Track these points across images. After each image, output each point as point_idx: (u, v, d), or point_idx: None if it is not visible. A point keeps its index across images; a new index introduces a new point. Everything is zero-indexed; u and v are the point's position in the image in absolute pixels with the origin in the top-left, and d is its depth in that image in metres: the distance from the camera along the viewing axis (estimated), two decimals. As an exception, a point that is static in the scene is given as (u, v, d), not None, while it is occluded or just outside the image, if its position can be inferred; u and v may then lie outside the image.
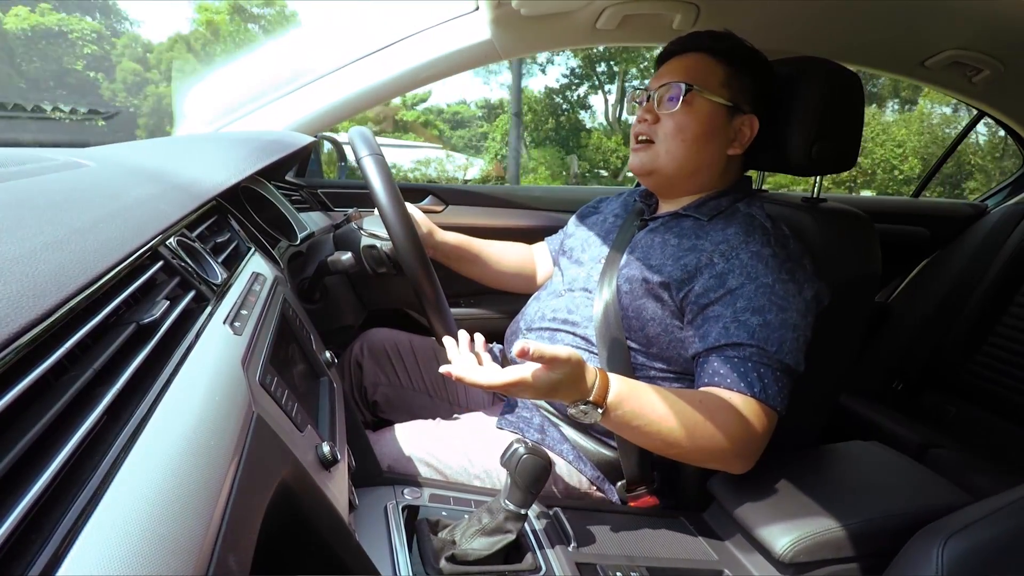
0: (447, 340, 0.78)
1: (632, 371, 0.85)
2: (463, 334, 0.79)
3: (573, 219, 1.09)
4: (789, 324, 0.75)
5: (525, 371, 0.64)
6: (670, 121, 0.86)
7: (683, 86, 0.84)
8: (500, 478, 0.84)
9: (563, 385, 0.65)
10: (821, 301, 0.81)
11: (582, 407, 0.67)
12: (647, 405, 0.70)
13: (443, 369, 0.68)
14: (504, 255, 1.12)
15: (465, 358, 0.74)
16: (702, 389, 0.76)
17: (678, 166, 0.87)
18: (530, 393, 0.66)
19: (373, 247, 0.89)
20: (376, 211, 0.81)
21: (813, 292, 0.80)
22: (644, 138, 0.89)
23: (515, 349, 0.60)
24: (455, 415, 0.97)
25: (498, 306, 1.40)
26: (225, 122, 1.25)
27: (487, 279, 1.12)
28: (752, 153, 0.92)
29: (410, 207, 0.90)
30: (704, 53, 0.87)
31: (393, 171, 0.95)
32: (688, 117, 0.85)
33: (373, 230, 0.91)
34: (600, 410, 0.68)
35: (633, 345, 0.85)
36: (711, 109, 0.85)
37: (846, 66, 0.91)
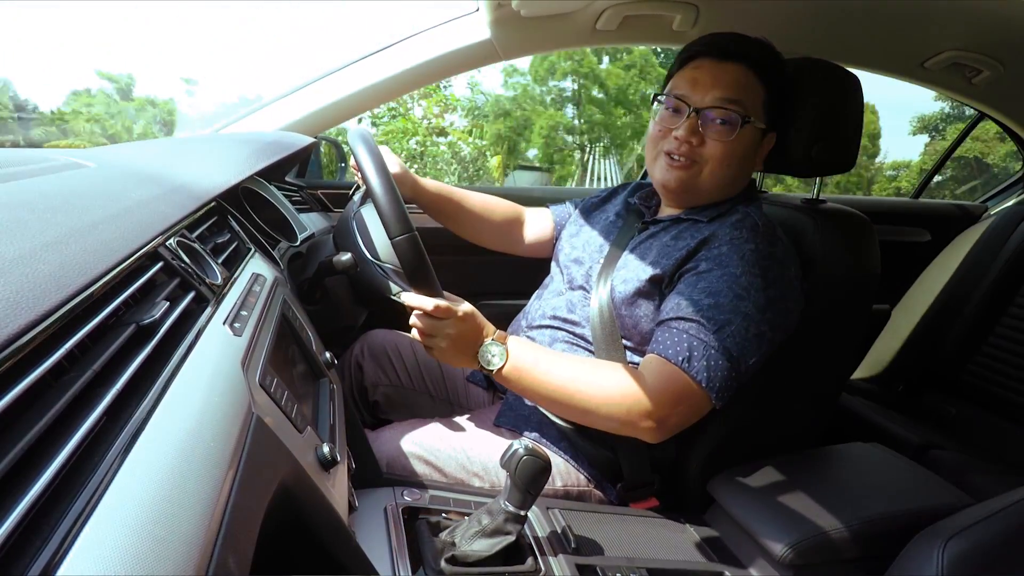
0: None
1: None
2: None
3: (578, 212, 1.08)
4: (741, 311, 0.74)
5: (434, 302, 0.73)
6: (719, 147, 0.82)
7: (739, 117, 0.81)
8: (498, 475, 0.84)
9: (465, 324, 0.74)
10: (789, 309, 0.79)
11: (489, 345, 0.75)
12: (544, 352, 0.77)
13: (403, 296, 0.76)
14: (488, 209, 1.08)
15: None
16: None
17: (716, 188, 0.86)
18: (436, 328, 0.74)
19: (398, 294, 0.89)
20: (371, 200, 0.79)
21: (780, 294, 0.78)
22: (685, 160, 0.84)
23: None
24: (454, 414, 0.97)
25: (499, 305, 1.40)
26: (225, 123, 1.25)
27: (469, 233, 1.08)
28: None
29: (385, 153, 0.88)
30: (748, 68, 0.83)
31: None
32: (738, 145, 0.83)
33: (388, 264, 0.90)
34: (503, 347, 0.75)
35: (629, 344, 0.85)
36: (755, 135, 0.84)
37: (845, 67, 0.91)
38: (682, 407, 0.73)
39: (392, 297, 0.88)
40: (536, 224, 1.13)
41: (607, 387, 0.73)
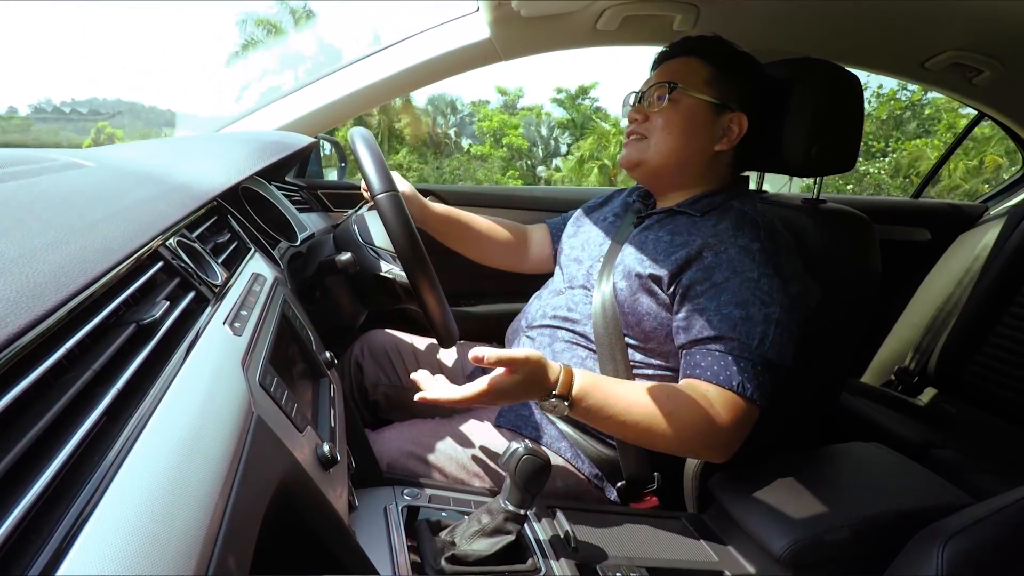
0: (419, 374, 0.79)
1: (630, 368, 0.85)
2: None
3: (575, 216, 1.09)
4: (772, 319, 0.76)
5: (483, 382, 0.68)
6: (658, 118, 0.89)
7: (668, 85, 0.88)
8: (499, 475, 0.84)
9: (526, 385, 0.69)
10: (810, 298, 0.82)
11: (552, 401, 0.71)
12: (612, 395, 0.73)
13: (417, 397, 0.73)
14: (494, 230, 1.12)
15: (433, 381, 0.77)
16: (682, 381, 0.78)
17: (664, 159, 0.90)
18: (497, 399, 0.69)
19: (386, 280, 0.89)
20: (373, 207, 0.80)
21: (800, 288, 0.80)
22: (635, 136, 0.92)
23: (471, 355, 0.65)
24: (454, 414, 0.97)
25: (498, 305, 1.40)
26: (225, 122, 1.25)
27: (475, 254, 1.12)
28: (752, 154, 0.92)
29: (397, 179, 0.89)
30: (691, 56, 0.90)
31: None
32: (674, 113, 0.88)
33: (381, 247, 0.91)
34: (567, 402, 0.71)
35: (631, 342, 0.85)
36: (695, 105, 0.88)
37: (846, 67, 0.91)
38: (743, 427, 0.75)
39: (384, 275, 0.89)
40: (538, 241, 1.15)
41: (679, 425, 0.73)
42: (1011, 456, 1.26)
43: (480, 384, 0.69)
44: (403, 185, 0.96)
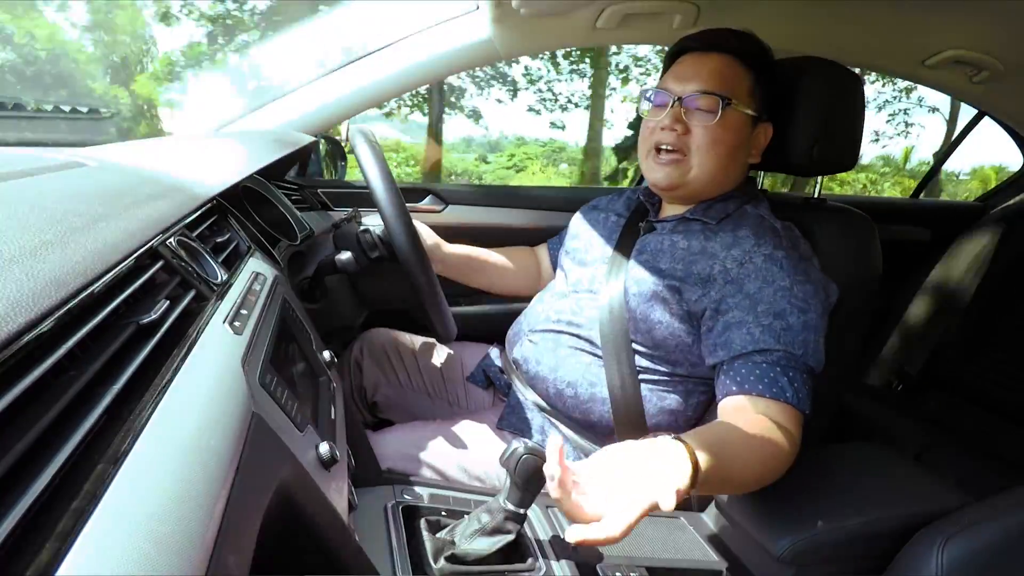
0: (548, 466, 0.54)
1: (636, 374, 0.85)
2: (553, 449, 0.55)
3: (576, 218, 1.08)
4: (811, 326, 0.74)
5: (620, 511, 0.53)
6: (704, 134, 0.81)
7: (721, 99, 0.80)
8: (500, 478, 0.84)
9: (641, 465, 0.56)
10: (832, 300, 0.81)
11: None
12: (726, 460, 0.62)
13: (570, 537, 0.53)
14: (510, 261, 1.11)
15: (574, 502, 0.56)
16: (731, 400, 0.73)
17: (707, 180, 0.84)
18: (630, 507, 0.53)
19: (367, 231, 0.89)
20: (376, 212, 0.81)
21: (826, 293, 0.79)
22: (671, 148, 0.83)
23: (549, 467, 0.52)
24: (455, 415, 0.97)
25: (499, 305, 1.40)
26: (225, 121, 1.25)
27: (494, 287, 1.11)
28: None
29: (417, 224, 0.89)
30: (732, 57, 0.83)
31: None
32: (724, 131, 0.81)
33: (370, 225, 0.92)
34: (674, 493, 0.54)
35: (639, 348, 0.85)
36: (741, 120, 0.82)
37: (846, 66, 0.91)
38: (799, 436, 0.72)
39: (362, 232, 0.89)
40: (545, 261, 1.15)
41: (772, 463, 0.69)
42: (1011, 456, 1.26)
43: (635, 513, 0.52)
44: (423, 229, 0.95)
